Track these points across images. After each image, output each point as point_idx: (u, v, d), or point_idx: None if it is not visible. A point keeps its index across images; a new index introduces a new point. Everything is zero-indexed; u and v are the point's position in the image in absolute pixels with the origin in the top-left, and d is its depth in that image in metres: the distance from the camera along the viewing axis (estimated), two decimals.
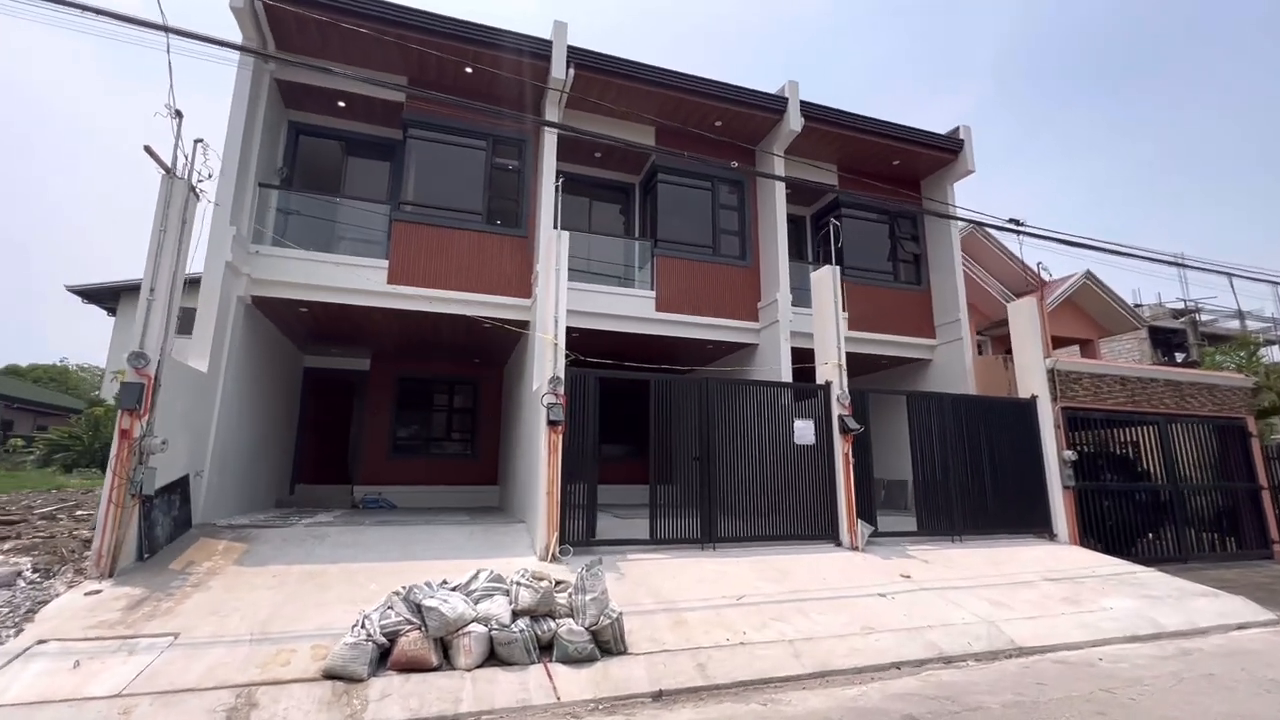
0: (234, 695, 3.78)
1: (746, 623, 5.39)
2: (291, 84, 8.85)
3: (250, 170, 8.02)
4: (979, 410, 9.21)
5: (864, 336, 11.03)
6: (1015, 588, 6.79)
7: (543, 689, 4.21)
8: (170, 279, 5.99)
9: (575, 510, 6.95)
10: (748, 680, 4.58)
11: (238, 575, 5.66)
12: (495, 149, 9.45)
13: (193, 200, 6.31)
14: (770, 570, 6.78)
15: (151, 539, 5.84)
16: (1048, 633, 5.73)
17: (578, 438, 7.09)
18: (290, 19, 7.97)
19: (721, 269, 10.42)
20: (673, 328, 9.90)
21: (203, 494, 7.15)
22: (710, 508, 7.47)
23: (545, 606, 4.66)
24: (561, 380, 7.01)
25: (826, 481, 8.07)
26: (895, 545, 8.11)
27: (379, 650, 4.22)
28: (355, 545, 6.73)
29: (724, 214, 10.70)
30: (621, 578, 6.24)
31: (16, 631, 4.40)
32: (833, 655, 5.00)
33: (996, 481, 9.05)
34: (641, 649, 4.81)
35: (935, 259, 11.81)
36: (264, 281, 8.07)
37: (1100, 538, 9.38)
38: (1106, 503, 9.77)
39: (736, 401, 8.04)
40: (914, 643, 5.32)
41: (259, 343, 8.84)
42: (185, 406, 6.57)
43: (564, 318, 7.25)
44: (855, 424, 8.06)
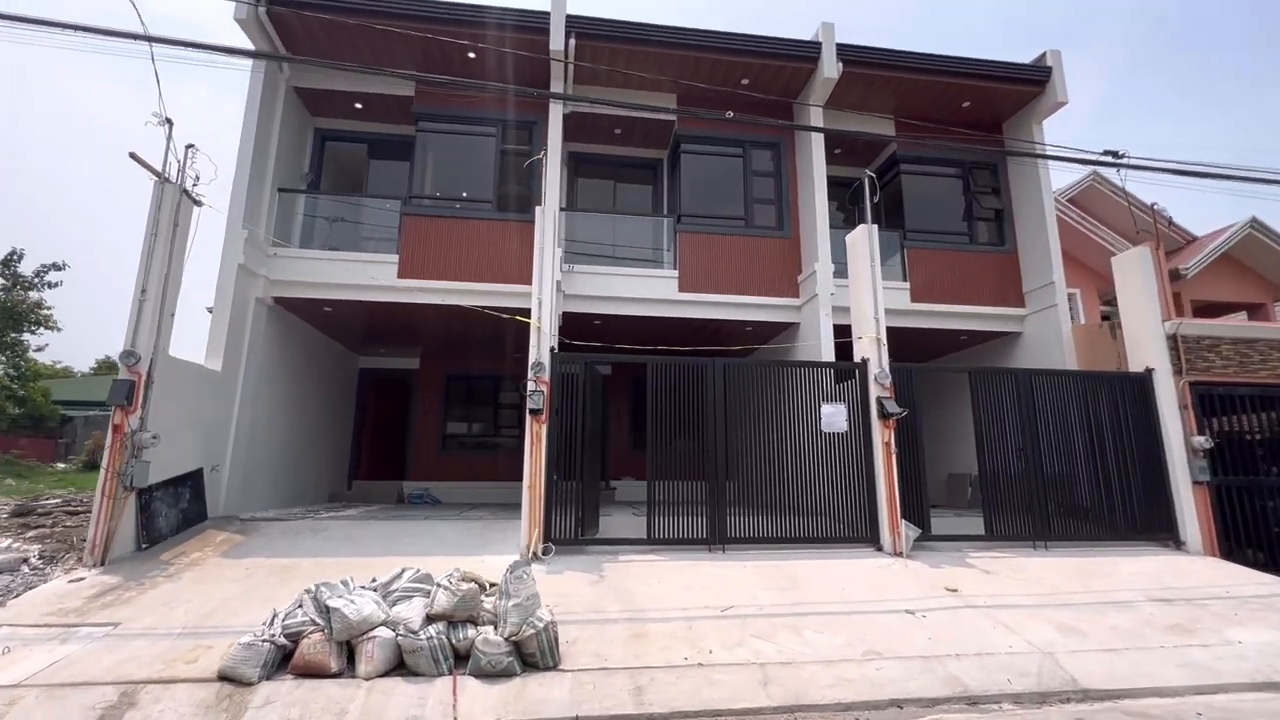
0: (119, 693, 3.64)
1: (721, 639, 4.57)
2: (312, 90, 9.12)
3: (266, 175, 8.31)
4: (1071, 388, 7.52)
5: (933, 309, 9.53)
6: (1102, 609, 5.32)
7: (441, 706, 3.72)
8: (162, 280, 6.22)
9: (563, 506, 6.42)
10: (691, 711, 3.80)
11: (215, 567, 5.73)
12: (505, 135, 9.18)
13: (186, 204, 6.54)
14: (780, 578, 5.83)
15: (151, 530, 6.08)
16: (1130, 671, 4.35)
17: (566, 427, 6.55)
18: (295, 23, 8.17)
19: (755, 242, 9.43)
20: (697, 309, 9.08)
21: (224, 488, 7.45)
22: (718, 505, 6.62)
23: (465, 611, 4.17)
24: (545, 366, 6.52)
25: (864, 476, 6.91)
26: (954, 551, 6.77)
27: (280, 652, 3.94)
28: (345, 540, 6.67)
29: (758, 182, 9.69)
30: (599, 581, 5.63)
31: None
32: (811, 686, 4.06)
33: (1098, 476, 7.35)
34: (578, 664, 4.18)
35: (1022, 214, 9.95)
36: (284, 283, 8.33)
37: (1262, 547, 7.34)
38: (1271, 503, 7.64)
39: (754, 385, 7.11)
40: (929, 675, 4.22)
41: (293, 343, 9.19)
42: (194, 403, 6.84)
43: (550, 299, 6.74)
44: (896, 407, 6.82)
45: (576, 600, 5.18)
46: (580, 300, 8.98)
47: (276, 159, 8.67)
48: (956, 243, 9.97)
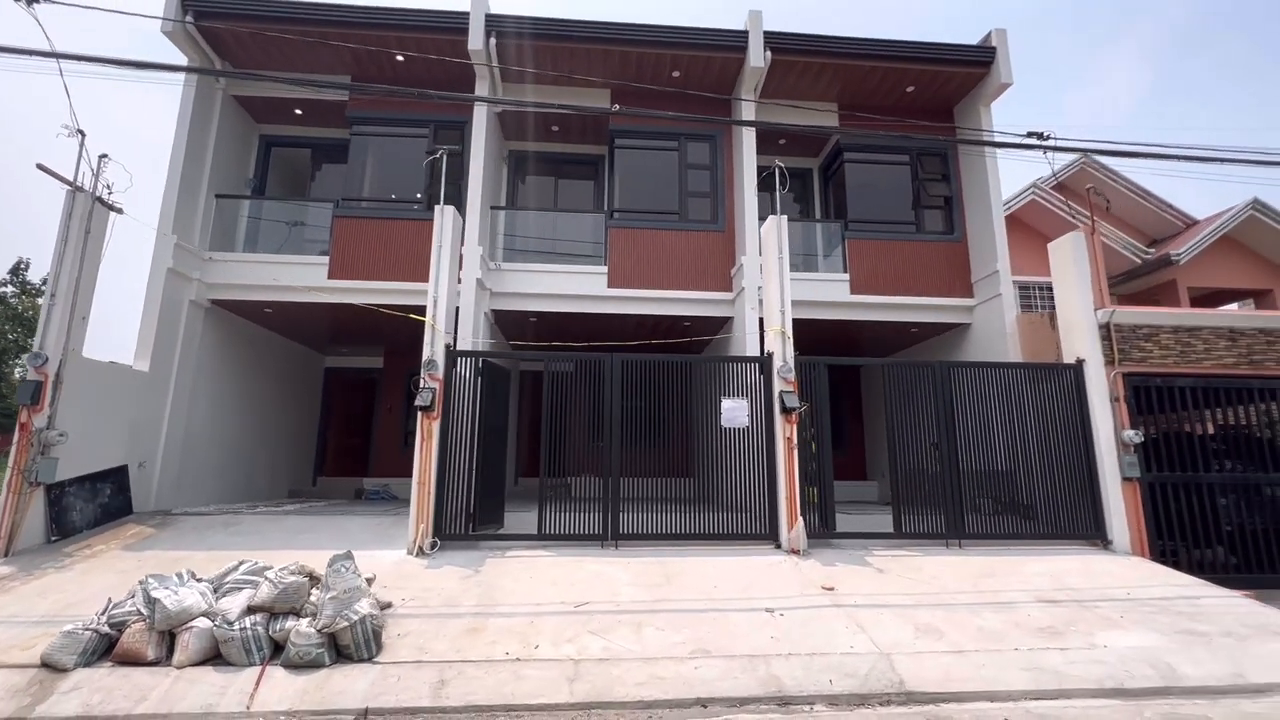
0: None
1: (555, 635, 4.56)
2: (251, 98, 9.40)
3: (201, 182, 8.60)
4: (996, 381, 7.23)
5: (876, 301, 9.28)
6: (977, 610, 5.11)
7: (240, 695, 3.81)
8: (73, 284, 6.50)
9: (455, 502, 6.48)
10: (486, 705, 3.81)
11: (112, 559, 5.97)
12: (436, 136, 9.29)
13: (100, 211, 6.81)
14: (657, 575, 5.78)
15: (63, 523, 6.36)
16: (968, 675, 4.18)
17: (462, 424, 6.61)
18: (225, 34, 8.42)
19: (689, 236, 9.33)
20: (628, 304, 9.03)
21: (155, 483, 7.76)
22: (612, 501, 6.59)
23: (287, 604, 4.26)
24: (438, 364, 6.59)
25: (766, 473, 6.78)
26: (858, 549, 6.59)
27: (105, 640, 4.09)
28: (253, 534, 6.86)
29: (694, 175, 9.58)
30: (471, 576, 5.67)
31: None
32: (619, 684, 4.02)
33: (1024, 473, 7.06)
34: (396, 657, 4.22)
35: (972, 201, 9.60)
36: (221, 285, 8.61)
37: (1210, 546, 6.97)
38: (1223, 500, 7.23)
39: (658, 381, 7.04)
40: (748, 675, 4.13)
41: (239, 343, 9.49)
42: (116, 402, 7.13)
43: (445, 297, 6.79)
44: (796, 401, 6.67)
45: (437, 595, 5.24)
46: (516, 298, 9.04)
47: (219, 166, 8.97)
48: (903, 232, 9.68)
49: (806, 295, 9.29)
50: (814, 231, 10.34)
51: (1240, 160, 6.88)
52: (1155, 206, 14.81)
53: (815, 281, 9.39)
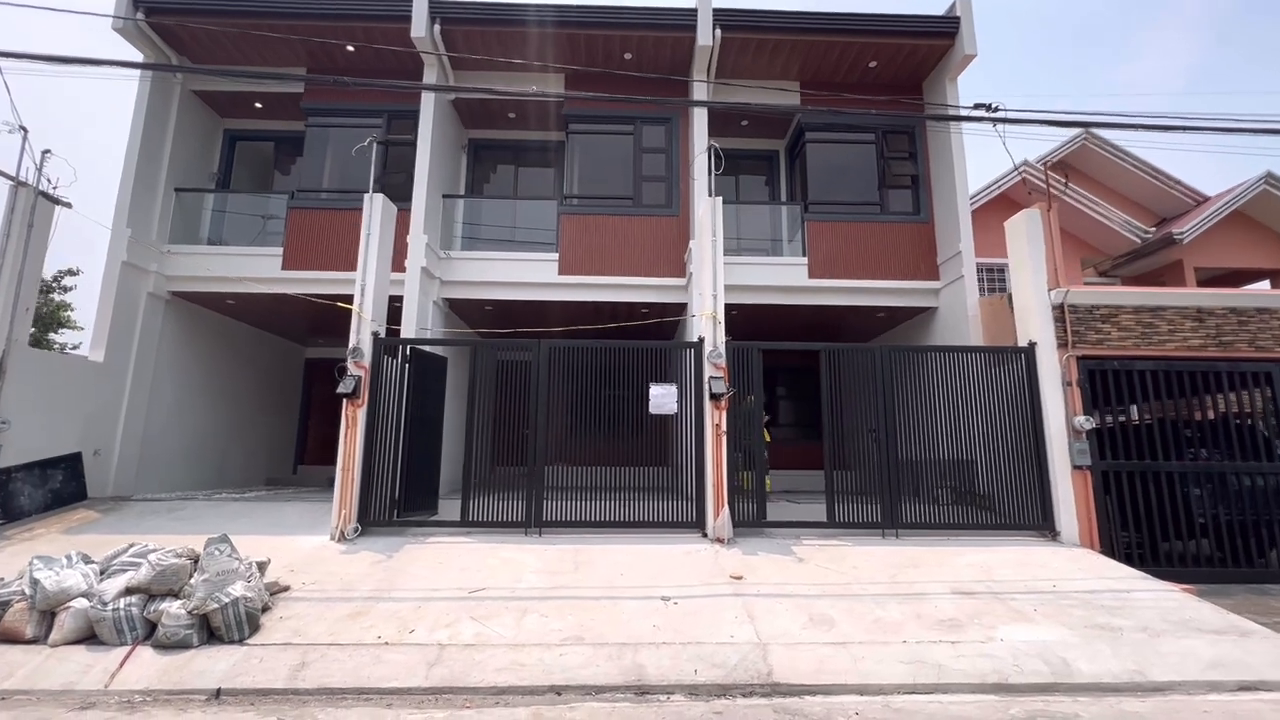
0: None
1: (435, 620, 4.54)
2: (212, 93, 9.55)
3: (159, 177, 8.78)
4: (943, 366, 6.96)
5: (836, 285, 9.02)
6: (882, 601, 4.93)
7: (103, 673, 3.89)
8: (16, 277, 6.70)
9: (380, 489, 6.52)
10: (339, 688, 3.81)
11: (48, 542, 6.16)
12: (390, 125, 9.31)
13: (44, 205, 7.00)
14: (569, 562, 5.72)
15: (9, 508, 6.59)
16: (843, 668, 4.03)
17: (384, 412, 6.64)
18: (179, 30, 8.56)
19: (642, 221, 9.18)
20: (579, 291, 8.95)
21: (113, 470, 8.00)
22: (535, 489, 6.55)
23: (164, 585, 4.32)
24: (364, 352, 6.62)
25: (694, 461, 6.65)
26: (787, 539, 6.44)
27: None
28: (192, 520, 7.01)
29: (649, 159, 9.42)
30: (383, 561, 5.70)
31: None
32: (478, 669, 3.98)
33: (969, 462, 6.80)
34: (268, 639, 4.26)
35: (940, 180, 9.23)
36: (181, 278, 8.80)
37: (1180, 538, 6.63)
38: (1197, 491, 6.85)
39: (590, 367, 6.95)
40: (612, 663, 4.06)
41: (204, 334, 9.71)
42: (67, 392, 7.35)
43: (373, 285, 6.81)
44: (723, 387, 6.52)
45: (339, 580, 5.27)
46: (468, 286, 9.04)
47: (180, 160, 9.16)
48: (867, 214, 9.36)
49: (764, 280, 9.11)
50: (780, 215, 10.10)
51: (1253, 129, 6.47)
52: (1163, 183, 14.07)
53: (773, 266, 9.19)
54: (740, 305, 9.38)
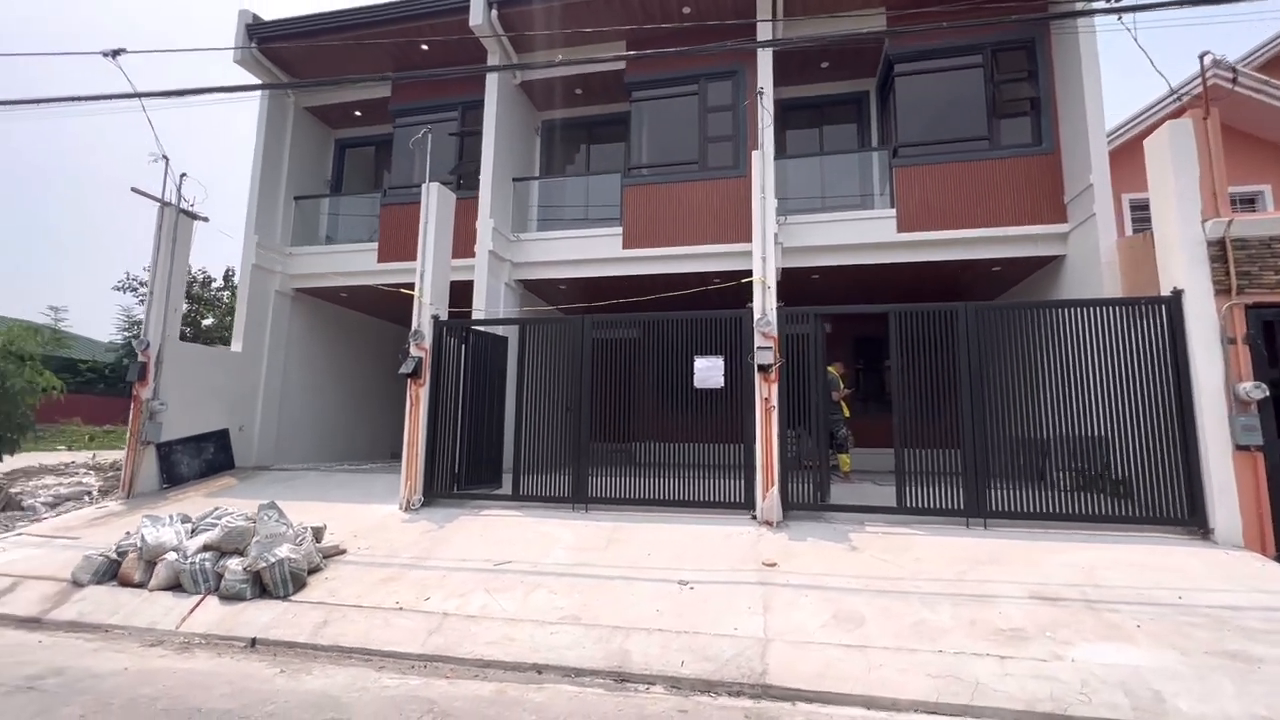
0: (12, 582, 5.11)
1: (452, 590, 4.72)
2: (320, 107, 10.62)
3: (280, 187, 9.98)
4: (1051, 324, 5.77)
5: (933, 238, 7.86)
6: (932, 601, 4.23)
7: (178, 616, 4.54)
8: (166, 283, 8.01)
9: (443, 463, 6.90)
10: (348, 647, 4.11)
11: (192, 503, 7.36)
12: (465, 118, 9.68)
13: (185, 221, 8.27)
14: (600, 539, 5.64)
15: (172, 474, 8.00)
16: (854, 674, 3.51)
17: (446, 390, 6.99)
18: (285, 53, 9.59)
19: (708, 186, 8.65)
20: (643, 264, 8.71)
21: (255, 444, 9.37)
22: (580, 464, 6.52)
23: (231, 544, 4.93)
24: (424, 334, 7.00)
25: (750, 437, 6.19)
26: (848, 524, 5.78)
27: (114, 565, 5.11)
28: (300, 487, 7.98)
29: (714, 119, 8.83)
30: (434, 530, 6.04)
31: (36, 521, 6.69)
32: (470, 640, 4.05)
33: (1100, 439, 5.59)
34: (308, 598, 4.70)
35: (1068, 98, 7.59)
36: (301, 276, 9.99)
37: None
38: None
39: (634, 340, 6.75)
40: (599, 646, 3.91)
41: (328, 325, 10.97)
42: (214, 378, 8.70)
43: (432, 271, 7.15)
44: (770, 358, 5.96)
45: (388, 546, 5.67)
46: (537, 267, 9.22)
47: (298, 170, 10.35)
48: (970, 152, 7.99)
49: (848, 238, 8.22)
50: (870, 165, 9.01)
51: None
52: None
53: (856, 222, 8.22)
54: (823, 269, 8.58)
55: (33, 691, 3.34)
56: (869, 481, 7.85)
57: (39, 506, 7.25)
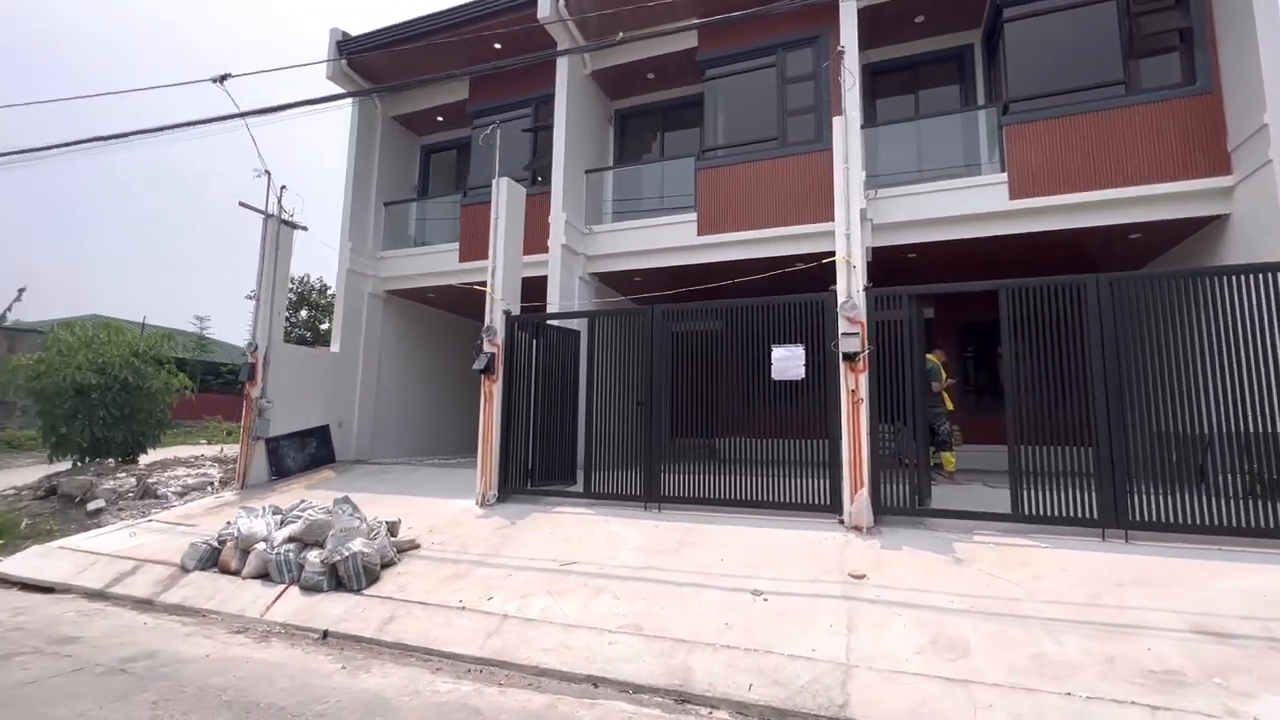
0: (133, 565, 5.60)
1: (515, 590, 4.59)
2: (405, 115, 11.04)
3: (370, 194, 10.47)
4: (1218, 294, 4.76)
5: (1052, 204, 6.83)
6: (1057, 631, 3.55)
7: (263, 605, 4.73)
8: (270, 289, 8.60)
9: (515, 458, 6.87)
10: (409, 645, 4.07)
11: (295, 494, 7.82)
12: (538, 113, 9.67)
13: (286, 231, 8.84)
14: (670, 541, 5.33)
15: (280, 467, 8.58)
16: (955, 714, 2.97)
17: (518, 386, 6.95)
18: (370, 63, 10.02)
19: (788, 163, 8.04)
20: (719, 251, 8.26)
21: (353, 438, 9.90)
22: (651, 461, 6.22)
23: (312, 536, 5.09)
24: (496, 330, 6.99)
25: (830, 432, 5.63)
26: (954, 533, 5.08)
27: (215, 552, 5.46)
28: (389, 480, 8.28)
29: (794, 91, 8.20)
30: (505, 527, 5.99)
31: (166, 509, 7.38)
32: (527, 645, 3.88)
33: (1272, 437, 4.57)
34: (379, 592, 4.75)
35: (1232, 25, 6.29)
36: (391, 278, 10.45)
37: None
38: None
39: (701, 329, 6.36)
40: (661, 661, 3.60)
41: (419, 325, 11.40)
42: (314, 377, 9.26)
43: (503, 266, 7.13)
44: (857, 345, 5.35)
45: (459, 542, 5.67)
46: (612, 259, 9.03)
47: (387, 177, 10.83)
48: (1101, 100, 6.84)
49: (951, 209, 7.35)
50: (976, 127, 8.02)
51: None
52: None
53: (960, 191, 7.32)
54: (920, 246, 7.74)
55: (123, 674, 3.53)
56: (978, 483, 6.98)
57: (170, 495, 8.01)
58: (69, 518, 7.27)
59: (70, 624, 4.45)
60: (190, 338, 19.03)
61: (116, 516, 7.29)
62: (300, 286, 21.92)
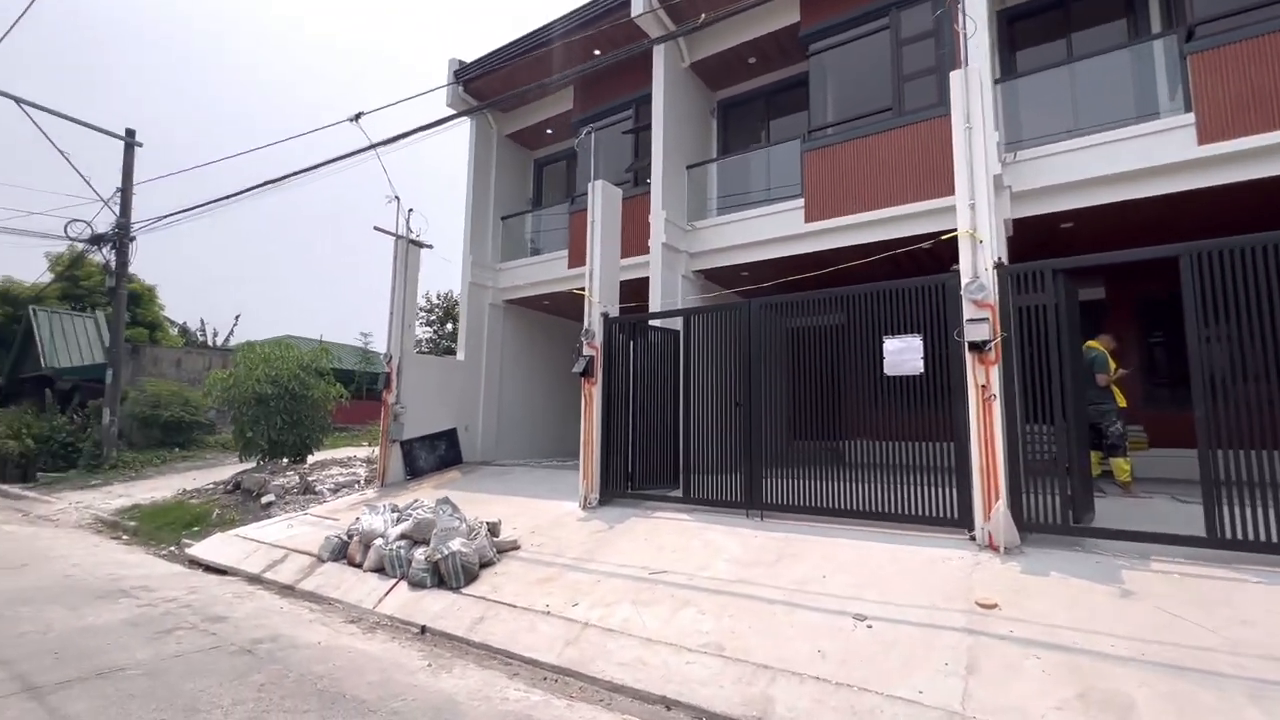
0: (284, 554, 6.30)
1: (600, 597, 4.49)
2: (518, 132, 11.55)
3: (489, 209, 11.09)
4: None
5: (1257, 145, 5.43)
6: (1271, 696, 2.69)
7: (376, 598, 5.06)
8: (402, 304, 9.39)
9: (615, 461, 6.80)
10: (493, 647, 4.12)
11: (424, 492, 8.42)
12: (638, 115, 9.62)
13: (414, 251, 9.61)
14: (770, 553, 4.92)
15: (414, 467, 9.32)
16: None
17: (617, 389, 6.89)
18: (483, 87, 10.62)
19: (905, 134, 7.19)
20: (829, 238, 7.59)
21: (479, 441, 10.51)
22: (751, 466, 5.81)
23: (420, 534, 5.37)
24: (595, 333, 6.99)
25: (956, 434, 4.88)
26: (1124, 557, 4.15)
27: (344, 545, 5.97)
28: (507, 480, 8.62)
29: (910, 53, 7.33)
30: (603, 531, 5.93)
31: (320, 504, 8.30)
32: (604, 657, 3.73)
33: None
34: (474, 591, 4.88)
35: None
36: (507, 288, 10.98)
37: None
38: None
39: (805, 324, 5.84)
40: (740, 688, 3.27)
41: (537, 332, 11.87)
42: (442, 384, 9.95)
43: (600, 270, 7.11)
44: (986, 333, 4.56)
45: (556, 544, 5.70)
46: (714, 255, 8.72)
47: (503, 192, 11.43)
48: None
49: (1114, 165, 6.15)
50: (1148, 63, 6.64)
51: None
52: None
53: (1128, 142, 6.09)
54: (1077, 214, 6.56)
55: (248, 655, 3.91)
56: (1165, 495, 5.71)
57: (325, 492, 9.01)
58: (247, 509, 8.43)
59: (225, 604, 5.07)
60: (356, 352, 21.53)
61: (282, 509, 8.32)
62: (445, 302, 23.93)
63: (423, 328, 22.88)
